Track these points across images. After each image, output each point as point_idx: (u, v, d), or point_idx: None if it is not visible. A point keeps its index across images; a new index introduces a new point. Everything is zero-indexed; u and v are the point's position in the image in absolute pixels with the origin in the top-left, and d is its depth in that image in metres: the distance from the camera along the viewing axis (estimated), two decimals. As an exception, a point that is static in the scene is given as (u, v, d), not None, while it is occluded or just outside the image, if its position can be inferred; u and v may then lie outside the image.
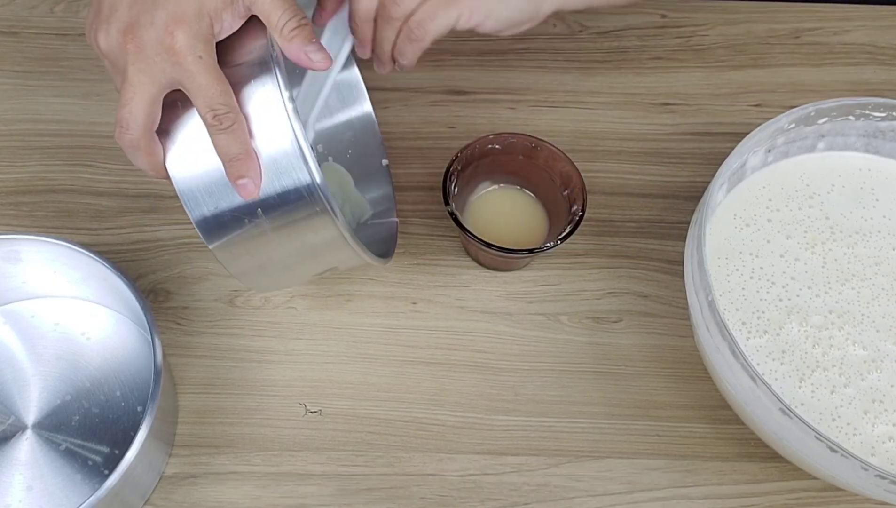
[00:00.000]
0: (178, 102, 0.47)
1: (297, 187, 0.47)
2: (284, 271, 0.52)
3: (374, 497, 0.55)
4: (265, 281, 0.53)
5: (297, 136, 0.46)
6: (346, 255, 0.51)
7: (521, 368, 0.60)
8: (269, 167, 0.47)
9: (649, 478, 0.56)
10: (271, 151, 0.47)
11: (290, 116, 0.46)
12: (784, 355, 0.54)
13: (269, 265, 0.51)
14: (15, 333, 0.58)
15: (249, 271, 0.51)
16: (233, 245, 0.49)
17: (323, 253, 0.51)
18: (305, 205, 0.47)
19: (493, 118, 0.70)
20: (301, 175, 0.47)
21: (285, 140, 0.46)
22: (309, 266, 0.53)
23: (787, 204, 0.60)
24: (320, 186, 0.46)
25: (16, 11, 0.73)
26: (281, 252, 0.50)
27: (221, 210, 0.48)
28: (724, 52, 0.74)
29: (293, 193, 0.47)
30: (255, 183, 0.47)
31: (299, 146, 0.46)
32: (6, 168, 0.66)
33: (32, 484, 0.53)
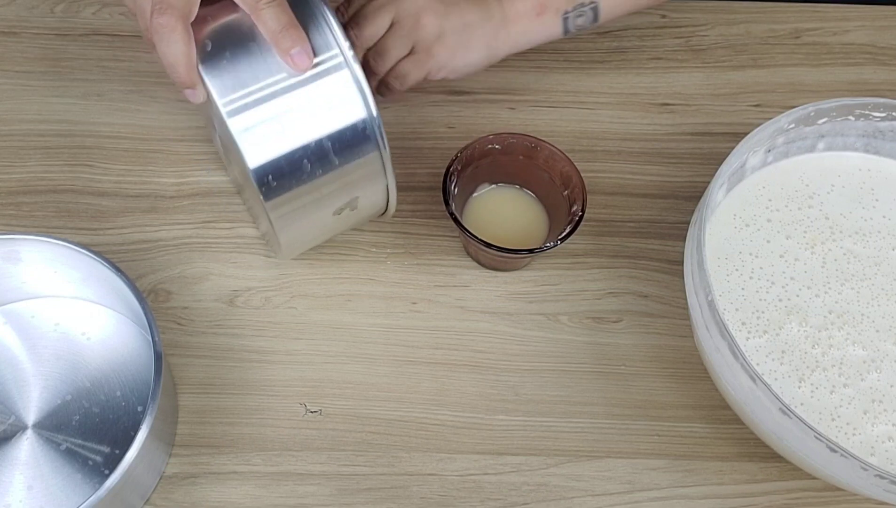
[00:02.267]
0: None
1: (353, 122, 0.50)
2: (317, 212, 0.54)
3: (374, 497, 0.55)
4: (296, 229, 0.54)
5: (356, 75, 0.50)
6: (378, 188, 0.54)
7: (521, 368, 0.60)
8: (326, 100, 0.50)
9: (649, 478, 0.56)
10: (330, 86, 0.50)
11: (346, 57, 0.50)
12: (784, 355, 0.54)
13: (311, 206, 0.53)
14: (15, 333, 0.58)
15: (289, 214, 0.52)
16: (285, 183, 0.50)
17: (357, 186, 0.53)
18: (359, 137, 0.51)
19: (493, 118, 0.70)
20: (359, 111, 0.50)
21: (345, 77, 0.50)
22: (338, 202, 0.54)
23: (787, 204, 0.60)
24: (377, 121, 0.50)
25: (16, 11, 0.73)
26: (325, 186, 0.52)
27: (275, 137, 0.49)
28: (724, 53, 0.74)
29: (350, 128, 0.50)
30: (307, 53, 0.49)
31: (359, 85, 0.50)
32: (6, 168, 0.66)
33: (33, 484, 0.53)
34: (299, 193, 0.51)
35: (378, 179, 0.54)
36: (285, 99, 0.49)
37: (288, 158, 0.49)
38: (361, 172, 0.52)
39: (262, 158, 0.49)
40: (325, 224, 0.55)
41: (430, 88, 0.71)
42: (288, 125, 0.49)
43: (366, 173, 0.53)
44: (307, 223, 0.54)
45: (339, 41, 0.50)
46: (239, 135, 0.48)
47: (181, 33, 0.48)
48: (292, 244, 0.56)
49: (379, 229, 0.64)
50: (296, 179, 0.50)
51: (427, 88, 0.71)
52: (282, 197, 0.50)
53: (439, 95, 0.71)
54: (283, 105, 0.49)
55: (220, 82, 0.49)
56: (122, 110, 0.68)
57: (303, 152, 0.50)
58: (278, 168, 0.49)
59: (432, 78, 0.63)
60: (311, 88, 0.50)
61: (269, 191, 0.50)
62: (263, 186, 0.49)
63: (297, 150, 0.50)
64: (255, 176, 0.49)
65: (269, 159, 0.49)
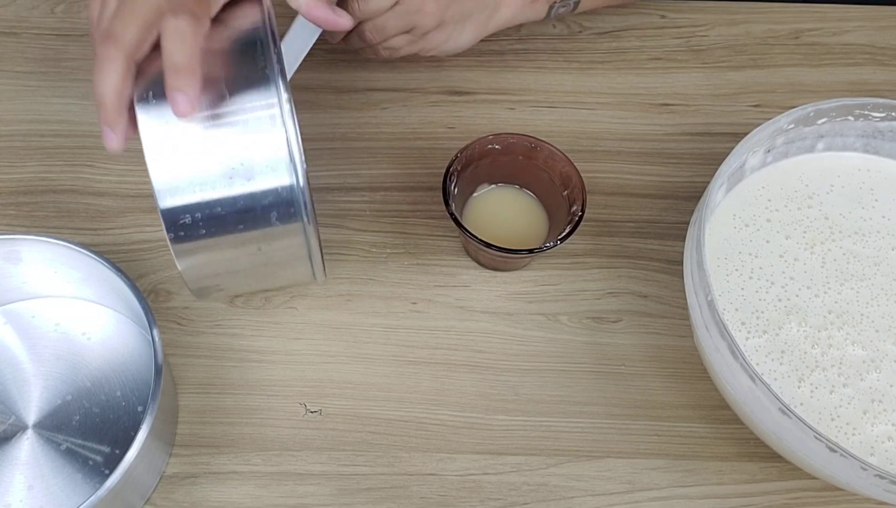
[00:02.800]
0: None
1: (277, 188, 0.47)
2: (233, 272, 0.51)
3: (374, 496, 0.55)
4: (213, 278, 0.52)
5: (289, 140, 0.46)
6: (302, 270, 0.52)
7: (521, 368, 0.60)
8: (258, 161, 0.46)
9: (649, 478, 0.56)
10: (263, 147, 0.46)
11: (283, 117, 0.46)
12: (783, 355, 0.54)
13: (224, 262, 0.50)
14: (15, 333, 0.58)
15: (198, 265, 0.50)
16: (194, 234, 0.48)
17: (278, 259, 0.50)
18: (282, 206, 0.47)
19: (493, 118, 0.70)
20: (286, 178, 0.47)
21: (278, 141, 0.46)
22: (257, 272, 0.52)
23: (787, 204, 0.60)
24: (304, 190, 0.47)
25: (16, 12, 0.73)
26: (239, 248, 0.49)
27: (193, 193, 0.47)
28: (724, 53, 0.74)
29: (271, 192, 0.47)
30: (190, 101, 0.45)
31: (289, 151, 0.46)
32: (7, 168, 0.66)
33: (33, 484, 0.53)
34: (208, 244, 0.48)
35: (300, 256, 0.50)
36: (212, 146, 0.46)
37: (200, 207, 0.47)
38: (284, 242, 0.49)
39: (175, 203, 0.46)
40: (239, 278, 0.53)
41: (431, 88, 0.71)
42: (208, 176, 0.46)
43: (288, 241, 0.49)
44: (217, 274, 0.51)
45: (280, 92, 0.46)
46: (159, 186, 0.46)
47: (118, 69, 0.45)
48: (201, 289, 0.53)
49: (379, 229, 0.64)
50: (207, 232, 0.47)
51: (427, 88, 0.71)
52: (188, 245, 0.48)
53: (439, 95, 0.71)
54: (209, 152, 0.46)
55: (150, 131, 0.46)
56: (123, 110, 0.68)
57: (218, 205, 0.47)
58: (188, 215, 0.47)
59: (420, 55, 0.65)
60: (243, 140, 0.46)
61: (178, 239, 0.47)
62: (172, 233, 0.47)
63: (214, 203, 0.47)
64: (165, 221, 0.47)
65: (182, 204, 0.46)
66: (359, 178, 0.67)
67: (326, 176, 0.66)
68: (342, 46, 0.64)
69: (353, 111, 0.70)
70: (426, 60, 0.72)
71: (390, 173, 0.67)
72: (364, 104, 0.70)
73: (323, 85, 0.70)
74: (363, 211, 0.65)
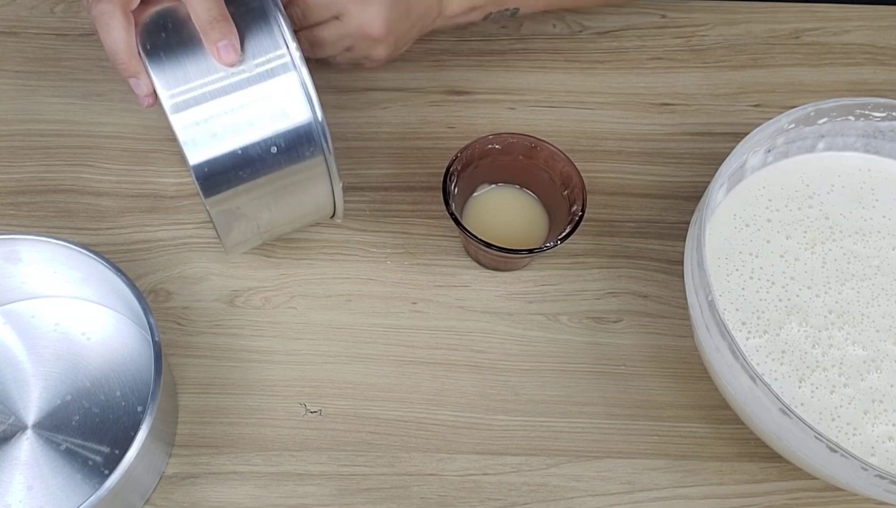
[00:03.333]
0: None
1: (297, 126, 0.50)
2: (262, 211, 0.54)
3: (374, 497, 0.55)
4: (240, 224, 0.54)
5: (304, 79, 0.50)
6: (322, 191, 0.55)
7: (521, 368, 0.60)
8: (270, 101, 0.50)
9: (649, 478, 0.56)
10: (275, 88, 0.50)
11: (294, 59, 0.49)
12: (784, 355, 0.54)
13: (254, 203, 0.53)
14: (15, 333, 0.58)
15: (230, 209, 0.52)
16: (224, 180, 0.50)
17: (300, 188, 0.53)
18: (303, 141, 0.51)
19: (493, 118, 0.70)
20: (304, 114, 0.50)
21: (292, 79, 0.50)
22: (280, 203, 0.54)
23: (787, 204, 0.60)
24: (322, 125, 0.50)
25: (16, 11, 0.73)
26: (268, 186, 0.52)
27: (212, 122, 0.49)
28: (724, 53, 0.74)
29: (294, 131, 0.50)
30: (234, 47, 0.48)
31: (306, 89, 0.50)
32: (6, 168, 0.66)
33: (33, 484, 0.53)
34: (238, 191, 0.51)
35: (322, 183, 0.54)
36: (230, 98, 0.49)
37: (229, 156, 0.50)
38: (305, 175, 0.52)
39: (203, 156, 0.49)
40: (267, 224, 0.55)
41: (430, 88, 0.71)
42: (230, 124, 0.49)
43: (309, 176, 0.53)
44: (247, 221, 0.54)
45: (288, 41, 0.50)
46: (181, 131, 0.49)
47: (120, 20, 0.47)
48: (234, 240, 0.56)
49: (379, 229, 0.64)
50: (235, 178, 0.50)
51: (427, 88, 0.71)
52: (221, 195, 0.51)
53: (439, 95, 0.71)
54: (227, 103, 0.49)
55: (163, 75, 0.49)
56: (122, 110, 0.68)
57: (244, 152, 0.50)
58: (218, 166, 0.49)
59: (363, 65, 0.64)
60: (257, 87, 0.50)
61: (209, 188, 0.50)
62: (203, 183, 0.50)
63: (239, 149, 0.50)
64: (196, 172, 0.49)
65: (210, 158, 0.49)
66: (359, 178, 0.67)
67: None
68: None
69: (353, 111, 0.70)
70: (426, 60, 0.72)
71: (390, 173, 0.67)
72: (364, 104, 0.70)
73: (323, 85, 0.70)
74: (363, 211, 0.65)
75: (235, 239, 0.55)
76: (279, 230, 0.57)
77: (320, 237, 0.64)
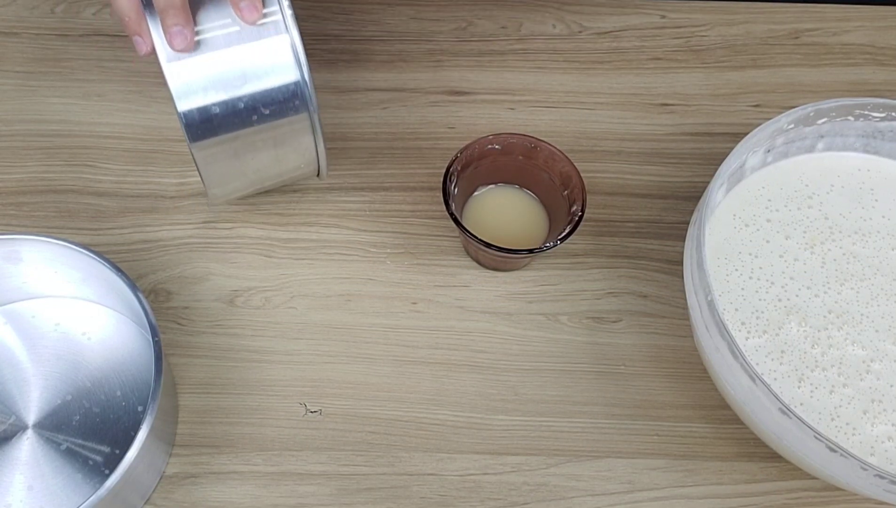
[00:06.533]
0: None
1: (286, 83, 0.52)
2: (246, 161, 0.56)
3: (374, 496, 0.55)
4: (224, 175, 0.56)
5: (294, 41, 0.52)
6: (306, 145, 0.56)
7: (521, 368, 0.60)
8: (261, 58, 0.52)
9: (649, 478, 0.56)
10: (267, 47, 0.52)
11: (286, 17, 0.51)
12: (783, 355, 0.54)
13: (239, 155, 0.55)
14: (15, 333, 0.58)
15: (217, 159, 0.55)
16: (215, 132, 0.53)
17: (285, 142, 0.56)
18: (289, 97, 0.53)
19: (493, 118, 0.70)
20: (291, 73, 0.52)
21: (283, 40, 0.52)
22: (265, 154, 0.56)
23: (787, 204, 0.60)
24: (309, 84, 0.53)
25: (16, 11, 0.73)
26: (253, 138, 0.54)
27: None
28: (724, 53, 0.74)
29: (282, 88, 0.52)
30: (256, 5, 0.50)
31: (295, 50, 0.52)
32: (7, 168, 0.66)
33: (33, 484, 0.53)
34: (224, 140, 0.53)
35: (306, 137, 0.56)
36: (221, 52, 0.51)
37: (217, 106, 0.52)
38: (290, 129, 0.55)
39: (191, 104, 0.51)
40: (252, 174, 0.57)
41: (430, 88, 0.71)
42: (220, 77, 0.51)
43: (294, 130, 0.55)
44: (232, 169, 0.56)
45: (281, 1, 0.52)
46: (172, 79, 0.51)
47: None
48: (217, 189, 0.57)
49: (379, 229, 0.64)
50: (221, 127, 0.52)
51: (427, 88, 0.71)
52: (207, 141, 0.53)
53: (439, 95, 0.71)
54: (219, 57, 0.51)
55: (159, 26, 0.51)
56: (122, 110, 0.69)
57: (232, 103, 0.52)
58: (205, 114, 0.52)
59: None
60: (248, 45, 0.51)
61: (195, 134, 0.52)
62: (190, 129, 0.52)
63: (227, 101, 0.52)
64: (184, 118, 0.51)
65: (198, 106, 0.51)
66: (359, 178, 0.67)
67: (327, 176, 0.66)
68: (341, 47, 0.63)
69: (353, 111, 0.70)
70: (426, 60, 0.72)
71: (390, 173, 0.67)
72: (364, 104, 0.70)
73: (323, 85, 0.70)
74: (363, 211, 0.65)
75: (219, 189, 0.57)
76: (263, 183, 0.59)
77: (320, 237, 0.64)
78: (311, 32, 0.73)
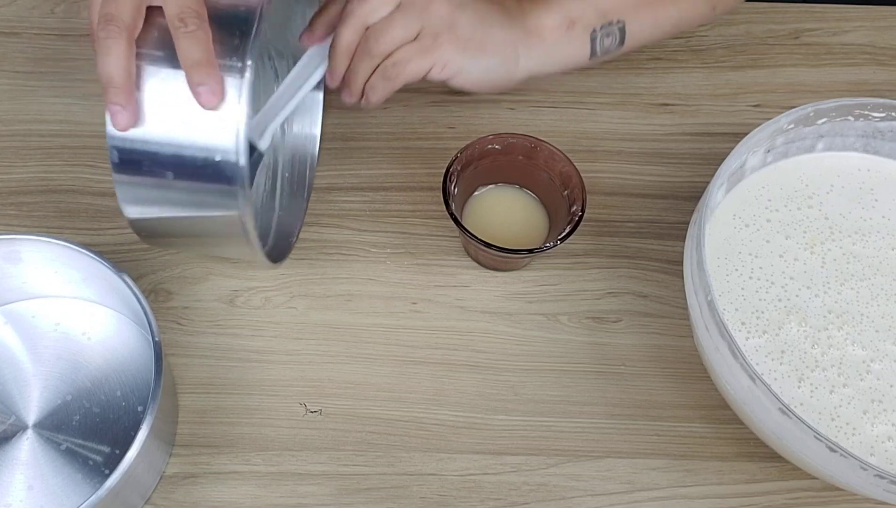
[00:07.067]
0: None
1: (221, 161, 0.47)
2: (176, 232, 0.52)
3: (374, 496, 0.55)
4: (156, 235, 0.53)
5: (238, 122, 0.46)
6: (239, 247, 0.51)
7: (521, 368, 0.60)
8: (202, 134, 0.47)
9: (649, 478, 0.56)
10: (209, 120, 0.47)
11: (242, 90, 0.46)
12: (783, 355, 0.54)
13: (167, 223, 0.51)
14: (15, 333, 0.58)
15: (144, 217, 0.51)
16: (138, 187, 0.49)
17: (219, 234, 0.51)
18: (221, 181, 0.47)
19: (493, 118, 0.70)
20: (229, 153, 0.47)
21: (229, 116, 0.47)
22: (200, 240, 0.53)
23: (787, 204, 0.60)
24: (244, 169, 0.46)
25: (17, 12, 0.73)
26: (181, 217, 0.50)
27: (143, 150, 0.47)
28: (724, 53, 0.74)
29: (214, 165, 0.47)
30: (215, 92, 0.46)
31: (236, 133, 0.46)
32: (7, 168, 0.66)
33: (33, 484, 0.53)
34: (145, 182, 0.49)
35: (236, 240, 0.50)
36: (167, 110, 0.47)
37: (146, 154, 0.48)
38: (218, 215, 0.49)
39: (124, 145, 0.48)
40: (177, 231, 0.53)
41: (431, 88, 0.71)
42: (159, 133, 0.48)
43: (223, 219, 0.49)
44: (161, 225, 0.52)
45: (245, 67, 0.47)
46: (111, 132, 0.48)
47: (122, 46, 0.46)
48: (149, 237, 0.54)
49: (379, 229, 0.64)
50: (150, 179, 0.48)
51: (427, 88, 0.71)
52: (128, 178, 0.49)
53: (439, 95, 0.71)
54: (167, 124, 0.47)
55: None
56: (123, 110, 0.68)
57: (161, 158, 0.48)
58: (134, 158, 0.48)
59: (435, 76, 0.57)
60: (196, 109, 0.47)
61: (119, 170, 0.49)
62: (116, 165, 0.48)
63: (157, 152, 0.48)
64: (112, 155, 0.48)
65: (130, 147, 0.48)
66: (359, 178, 0.67)
67: (326, 176, 0.66)
68: None
69: (353, 111, 0.69)
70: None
71: (390, 173, 0.67)
72: (364, 104, 0.70)
73: (323, 85, 0.70)
74: (363, 211, 0.65)
75: (148, 234, 0.53)
76: (190, 250, 0.56)
77: (320, 237, 0.64)
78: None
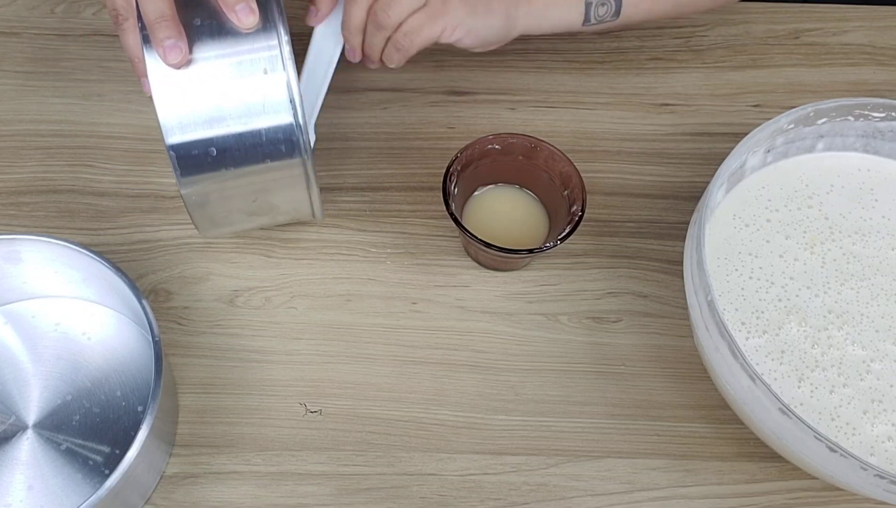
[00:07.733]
0: None
1: (278, 126, 0.50)
2: (234, 203, 0.54)
3: (374, 496, 0.55)
4: (212, 214, 0.54)
5: (290, 80, 0.50)
6: (299, 197, 0.55)
7: (521, 368, 0.60)
8: (255, 98, 0.50)
9: (649, 478, 0.56)
10: (262, 86, 0.50)
11: (283, 56, 0.49)
12: (783, 355, 0.54)
13: (226, 194, 0.53)
14: (16, 333, 0.58)
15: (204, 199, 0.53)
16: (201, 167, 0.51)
17: (277, 190, 0.54)
18: (282, 143, 0.51)
19: (493, 119, 0.70)
20: (285, 116, 0.50)
21: (279, 79, 0.50)
22: (257, 202, 0.55)
23: (787, 204, 0.60)
24: (303, 129, 0.50)
25: (17, 12, 0.73)
26: (242, 182, 0.52)
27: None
28: (724, 53, 0.74)
29: (273, 130, 0.50)
30: (252, 8, 0.48)
31: (289, 93, 0.50)
32: (7, 168, 0.66)
33: (33, 484, 0.53)
34: (212, 179, 0.51)
35: (298, 186, 0.54)
36: (215, 89, 0.49)
37: (206, 143, 0.50)
38: (280, 175, 0.52)
39: (181, 138, 0.49)
40: (240, 215, 0.56)
41: (430, 88, 0.71)
42: (211, 115, 0.50)
43: (284, 176, 0.53)
44: (220, 209, 0.54)
45: (281, 36, 0.50)
46: (165, 123, 0.49)
47: (136, 24, 0.50)
48: (206, 225, 0.56)
49: (379, 229, 0.64)
50: (210, 167, 0.51)
51: (427, 88, 0.71)
52: (193, 178, 0.51)
53: (439, 95, 0.71)
54: (212, 93, 0.49)
55: (157, 73, 0.49)
56: (122, 110, 0.69)
57: (222, 141, 0.50)
58: (194, 151, 0.50)
59: (446, 39, 0.59)
60: (244, 81, 0.50)
61: (185, 170, 0.50)
62: (180, 164, 0.50)
63: (217, 138, 0.50)
64: (174, 154, 0.50)
65: (188, 141, 0.50)
66: (359, 178, 0.67)
67: (326, 176, 0.66)
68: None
69: (353, 111, 0.70)
70: (426, 60, 0.72)
71: (390, 173, 0.67)
72: (364, 104, 0.70)
73: (323, 85, 0.70)
74: (363, 211, 0.65)
75: (207, 223, 0.55)
76: (252, 223, 0.58)
77: (320, 237, 0.64)
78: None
